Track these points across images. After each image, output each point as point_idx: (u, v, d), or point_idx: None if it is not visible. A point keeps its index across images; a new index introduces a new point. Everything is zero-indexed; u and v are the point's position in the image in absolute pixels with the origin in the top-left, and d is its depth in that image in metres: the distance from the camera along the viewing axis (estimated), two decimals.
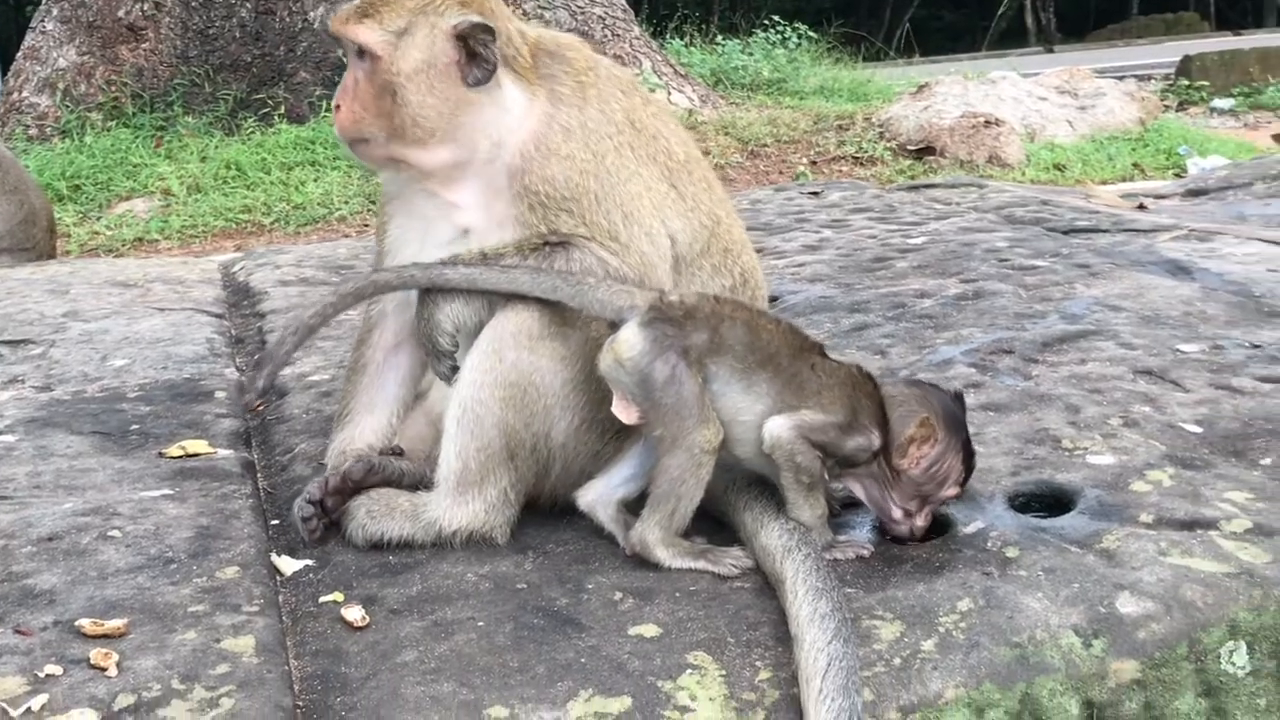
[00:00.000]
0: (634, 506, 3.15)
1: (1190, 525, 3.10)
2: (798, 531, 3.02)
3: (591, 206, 3.26)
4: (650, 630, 2.83)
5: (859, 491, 3.17)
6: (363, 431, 3.49)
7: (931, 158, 12.71)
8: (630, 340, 3.02)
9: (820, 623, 2.72)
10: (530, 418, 3.18)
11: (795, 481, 3.05)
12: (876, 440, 3.08)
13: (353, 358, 3.59)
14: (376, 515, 3.24)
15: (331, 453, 3.50)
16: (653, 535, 3.06)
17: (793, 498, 3.08)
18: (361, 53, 3.23)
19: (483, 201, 3.31)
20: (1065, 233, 6.44)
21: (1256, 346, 4.38)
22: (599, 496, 3.20)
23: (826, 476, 3.09)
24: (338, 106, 3.29)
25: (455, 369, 3.22)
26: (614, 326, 3.08)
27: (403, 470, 3.39)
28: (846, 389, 3.09)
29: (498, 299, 3.16)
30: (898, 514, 3.13)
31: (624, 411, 3.07)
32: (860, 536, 3.19)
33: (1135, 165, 12.84)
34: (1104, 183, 11.81)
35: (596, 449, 3.25)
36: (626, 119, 3.39)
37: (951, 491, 3.14)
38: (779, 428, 3.03)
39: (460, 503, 3.19)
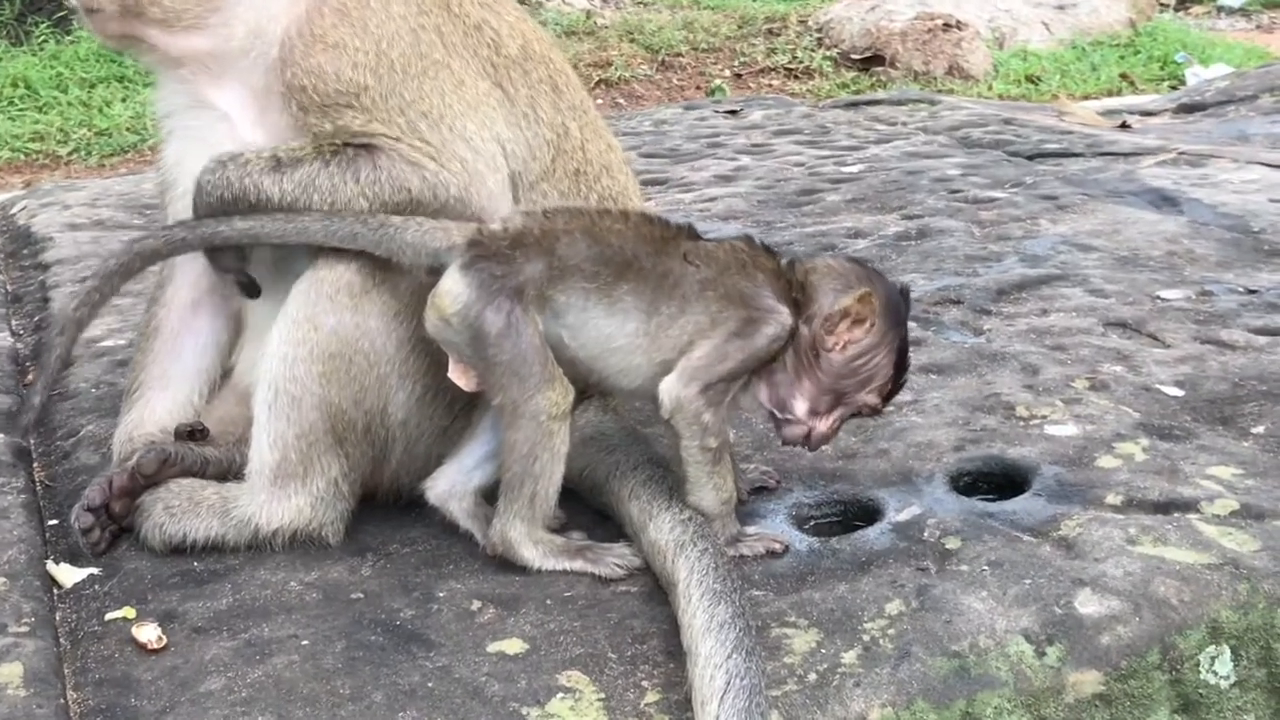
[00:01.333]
0: (495, 493, 3.14)
1: (1165, 508, 3.15)
2: (694, 523, 3.02)
3: (376, 104, 3.22)
4: (514, 646, 2.82)
5: (762, 392, 3.14)
6: (155, 412, 3.44)
7: (880, 69, 12.80)
8: (452, 290, 2.99)
9: (718, 633, 2.71)
10: (360, 393, 3.15)
11: (700, 450, 3.04)
12: (788, 318, 3.05)
13: (144, 321, 3.54)
14: (177, 512, 3.20)
15: (118, 440, 3.45)
16: (515, 531, 3.05)
17: (695, 474, 3.07)
18: None
19: (254, 109, 3.28)
20: (1030, 158, 6.50)
21: (1252, 292, 4.46)
22: (452, 487, 3.18)
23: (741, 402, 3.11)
24: None
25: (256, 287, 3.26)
26: (434, 274, 3.07)
27: (206, 458, 3.35)
28: (732, 276, 3.06)
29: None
30: (801, 409, 3.13)
31: (462, 377, 3.06)
32: (773, 528, 3.20)
33: (1123, 76, 13.00)
34: (1085, 98, 11.96)
35: (444, 424, 3.23)
36: (435, 3, 3.35)
37: (871, 399, 3.14)
38: (674, 387, 3.02)
39: (280, 496, 3.16)
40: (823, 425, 3.13)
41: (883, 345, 3.10)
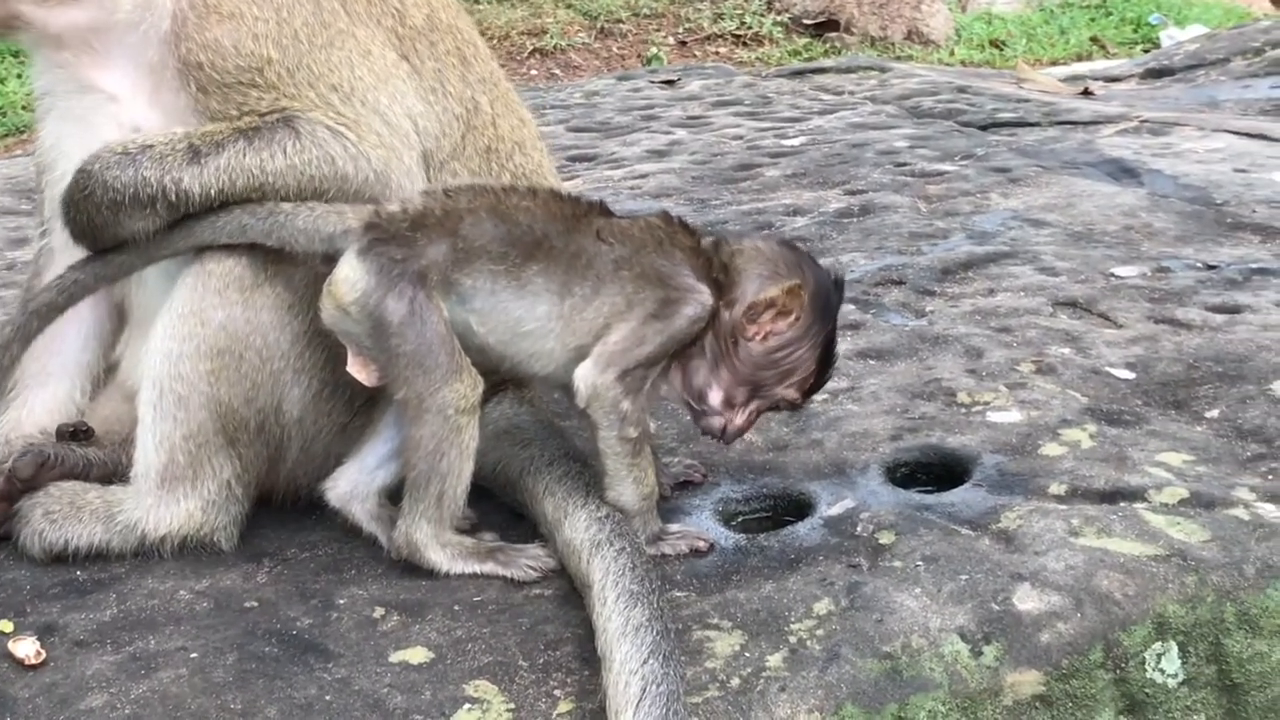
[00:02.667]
0: (400, 494, 3.15)
1: (1111, 497, 3.19)
2: (610, 521, 3.04)
3: (282, 79, 3.21)
4: (418, 655, 2.84)
5: (676, 379, 3.17)
6: (34, 411, 3.44)
7: (834, 35, 12.84)
8: (350, 277, 2.99)
9: (634, 636, 2.73)
10: (252, 390, 3.16)
11: (619, 440, 3.05)
12: (708, 298, 3.07)
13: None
14: (58, 518, 3.20)
15: None
16: (421, 533, 3.06)
17: (614, 467, 3.09)
18: None
19: (144, 88, 3.25)
20: (983, 128, 6.56)
21: (1211, 268, 4.51)
22: (353, 488, 3.19)
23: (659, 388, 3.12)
24: None
25: None
26: (330, 261, 3.06)
27: (90, 460, 3.35)
28: (648, 254, 3.07)
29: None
30: (716, 399, 3.15)
31: (361, 371, 3.06)
32: (698, 524, 3.22)
33: (1094, 40, 13.08)
34: (1053, 63, 12.02)
35: (343, 421, 3.24)
36: None
37: (790, 394, 3.17)
38: (590, 374, 3.03)
39: (168, 500, 3.17)
40: (739, 418, 3.16)
41: (806, 339, 3.12)
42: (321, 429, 3.24)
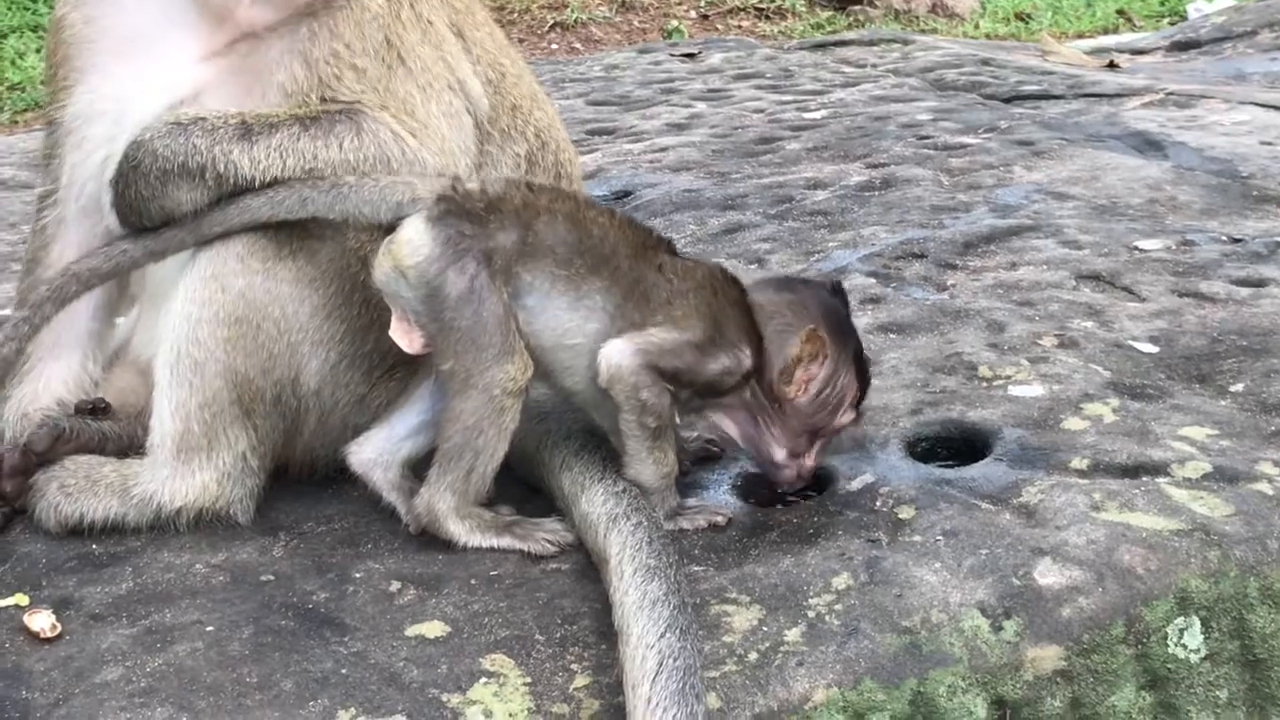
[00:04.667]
0: (423, 468, 3.15)
1: (1133, 471, 3.18)
2: (628, 496, 3.05)
3: (385, 74, 3.24)
4: (435, 629, 2.84)
5: (730, 429, 3.20)
6: (50, 383, 3.44)
7: (858, 8, 12.80)
8: (414, 241, 2.97)
9: (650, 610, 2.74)
10: (269, 361, 3.16)
11: (638, 425, 3.06)
12: (747, 360, 3.10)
13: (24, 286, 3.53)
14: (73, 491, 3.21)
15: (10, 416, 3.44)
16: (444, 504, 3.06)
17: (634, 448, 3.09)
18: None
19: (259, 38, 3.21)
20: (1007, 100, 6.53)
21: (1236, 241, 4.49)
22: (377, 455, 3.19)
23: (678, 419, 3.12)
24: None
25: None
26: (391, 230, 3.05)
27: (105, 433, 3.36)
28: (705, 295, 3.10)
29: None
30: (781, 455, 3.17)
31: (405, 337, 3.04)
32: (716, 499, 3.22)
33: (1120, 13, 13.03)
34: (1079, 36, 11.97)
35: (361, 393, 3.25)
36: None
37: (847, 418, 3.18)
38: (618, 354, 3.03)
39: (184, 472, 3.18)
40: (809, 460, 3.18)
41: (841, 366, 3.13)
42: (339, 401, 3.24)
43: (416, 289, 2.97)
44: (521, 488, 3.28)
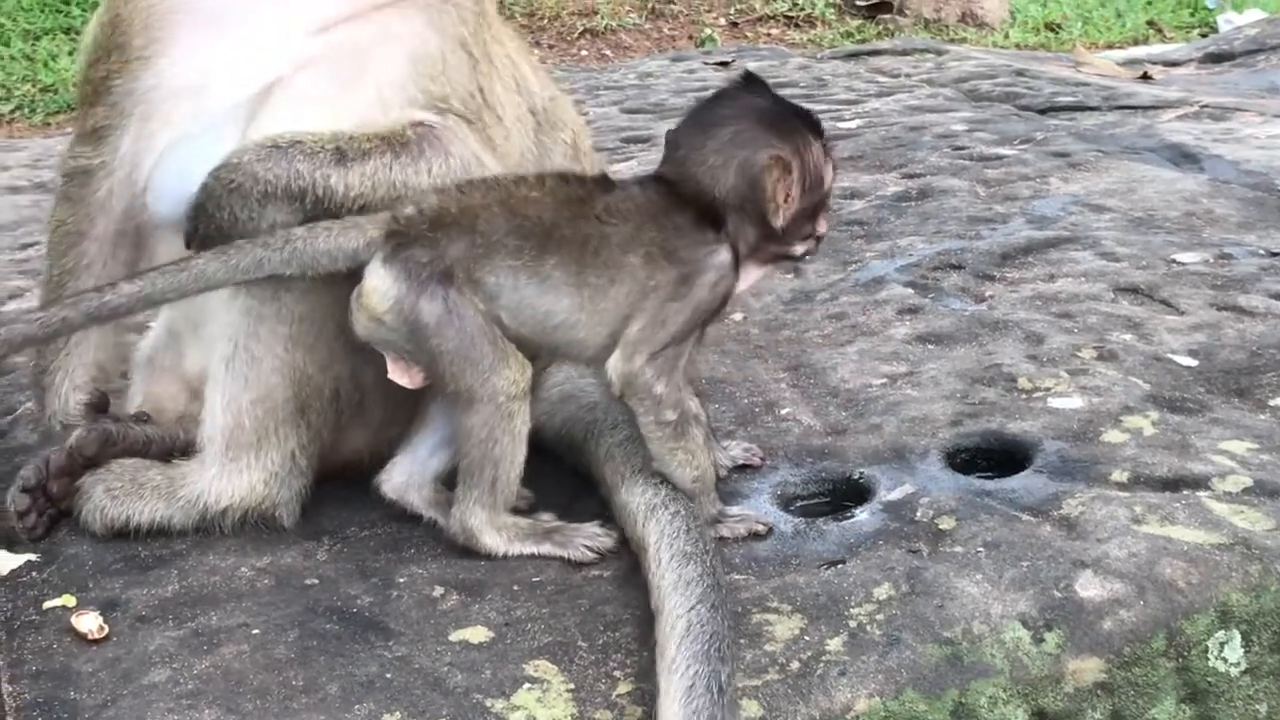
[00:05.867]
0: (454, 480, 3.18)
1: (1174, 485, 3.19)
2: (666, 487, 3.09)
3: (474, 74, 3.28)
4: (478, 635, 2.86)
5: (753, 282, 3.23)
6: (93, 357, 3.49)
7: (887, 17, 12.79)
8: (380, 287, 2.97)
9: (684, 589, 2.79)
10: (329, 357, 3.18)
11: (656, 424, 3.06)
12: (725, 253, 3.06)
13: (54, 262, 3.47)
14: (119, 494, 3.23)
15: (59, 387, 3.49)
16: (475, 519, 3.08)
17: (657, 451, 3.10)
18: None
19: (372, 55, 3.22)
20: (1042, 112, 6.54)
21: (1274, 255, 4.49)
22: (408, 478, 3.22)
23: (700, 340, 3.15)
24: None
25: None
26: (356, 275, 3.04)
27: (150, 437, 3.38)
28: (650, 228, 3.05)
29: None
30: (801, 249, 3.19)
31: (404, 376, 3.06)
32: (756, 508, 3.24)
33: (1151, 24, 13.01)
34: (1109, 46, 11.96)
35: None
36: None
37: (832, 177, 3.17)
38: (619, 366, 3.03)
39: (231, 471, 3.20)
40: (822, 228, 3.20)
41: (805, 154, 3.09)
42: (406, 391, 3.24)
43: (397, 330, 2.99)
44: (566, 494, 3.30)
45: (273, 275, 3.05)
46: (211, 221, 3.10)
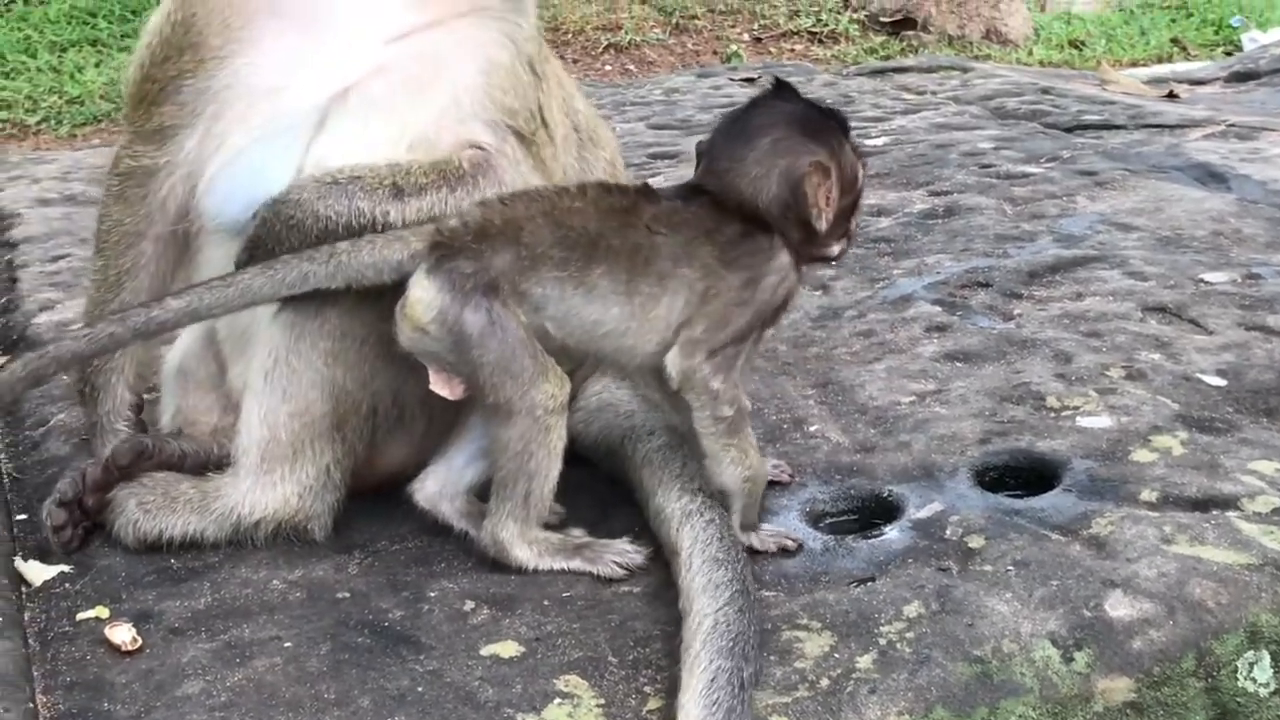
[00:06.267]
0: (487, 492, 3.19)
1: (1203, 505, 3.19)
2: (702, 494, 3.13)
3: (536, 92, 3.31)
4: (509, 649, 2.87)
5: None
6: (143, 359, 3.55)
7: (911, 33, 12.79)
8: (424, 298, 2.99)
9: (713, 591, 2.84)
10: (370, 373, 3.20)
11: (712, 420, 3.08)
12: (784, 256, 3.09)
13: (111, 264, 3.48)
14: (152, 508, 3.25)
15: (110, 404, 3.51)
16: (507, 532, 3.10)
17: (710, 447, 3.11)
18: None
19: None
20: (1069, 130, 6.54)
21: None
22: (441, 488, 3.23)
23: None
24: None
25: None
26: (399, 290, 3.06)
27: (184, 450, 3.40)
28: (703, 242, 3.07)
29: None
30: (836, 249, 3.22)
31: (445, 387, 3.08)
32: (786, 525, 3.25)
33: (1175, 41, 12.99)
34: (1133, 64, 11.95)
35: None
36: None
37: (863, 178, 3.21)
38: (679, 361, 3.05)
39: (265, 484, 3.21)
40: (854, 225, 3.24)
41: (841, 157, 3.12)
42: (449, 405, 3.24)
43: (441, 341, 3.00)
44: (596, 510, 3.32)
45: (317, 289, 3.07)
46: (267, 256, 3.13)
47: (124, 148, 3.42)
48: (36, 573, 3.20)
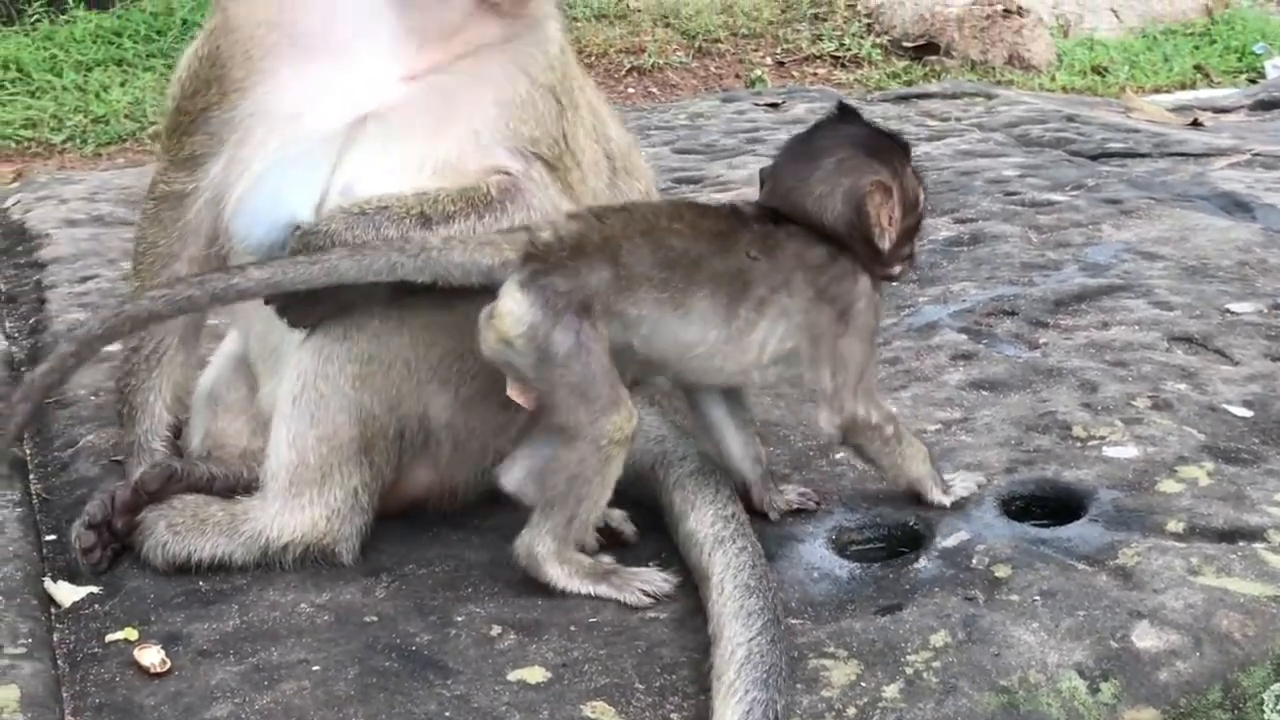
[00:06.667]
0: None
1: (1230, 536, 3.19)
2: (735, 521, 3.15)
3: (560, 120, 3.33)
4: (536, 674, 2.87)
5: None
6: (181, 379, 3.56)
7: (934, 58, 12.80)
8: (515, 311, 2.99)
9: (745, 619, 2.85)
10: (396, 398, 3.22)
11: (884, 445, 3.25)
12: (863, 274, 3.18)
13: (146, 284, 3.47)
14: (181, 530, 3.27)
15: (151, 403, 3.53)
16: (544, 547, 3.11)
17: (890, 464, 3.30)
18: None
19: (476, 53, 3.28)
20: (1093, 158, 6.55)
21: None
22: (528, 472, 3.21)
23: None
24: None
25: None
26: (487, 292, 3.06)
27: (213, 474, 3.43)
28: (798, 270, 3.13)
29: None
30: (898, 270, 3.31)
31: (522, 396, 3.09)
32: (812, 553, 3.25)
33: (1198, 68, 13.00)
34: (1156, 90, 11.96)
35: (501, 421, 3.29)
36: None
37: (924, 201, 3.30)
38: (832, 421, 3.20)
39: (294, 507, 3.23)
40: (916, 248, 3.35)
41: (903, 178, 3.21)
42: (474, 429, 3.30)
43: (525, 355, 3.00)
44: (630, 506, 3.35)
45: (404, 280, 3.09)
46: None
47: (159, 174, 3.47)
48: (66, 594, 3.21)
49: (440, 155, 3.23)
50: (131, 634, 3.05)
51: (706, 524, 3.16)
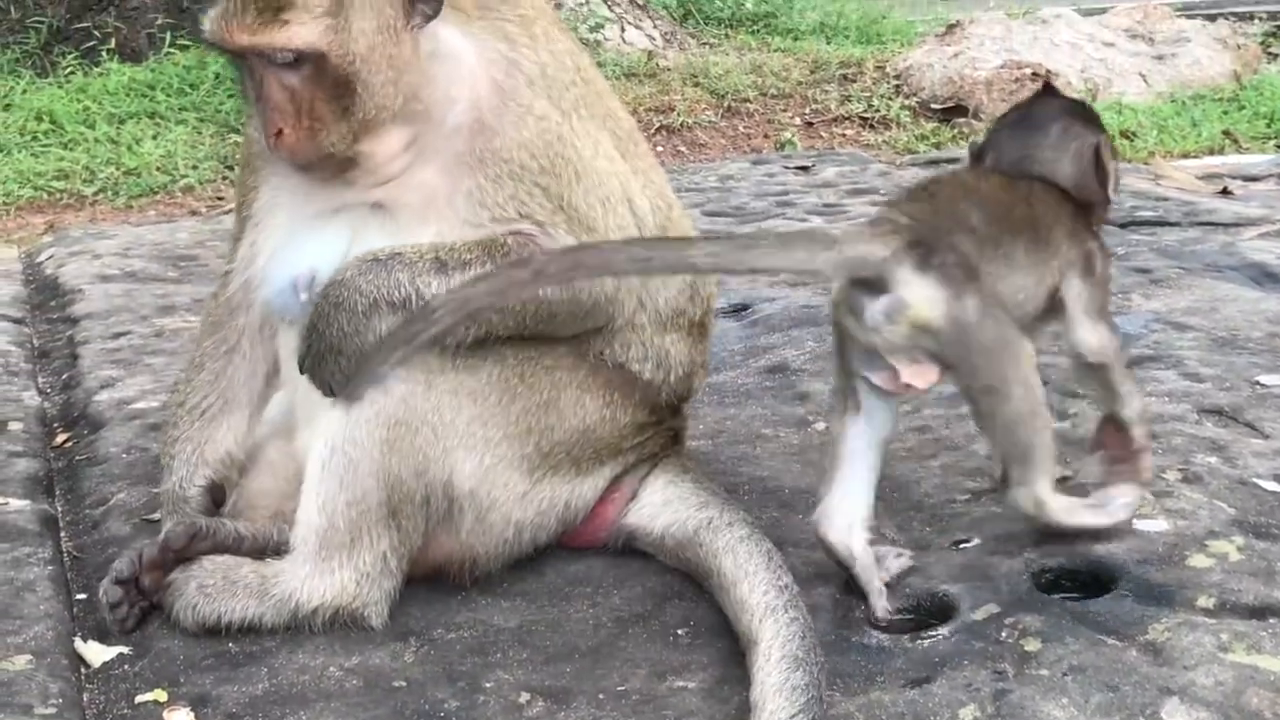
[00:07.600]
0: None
1: (1260, 612, 3.18)
2: (788, 592, 3.16)
3: (570, 184, 3.35)
4: None
5: None
6: (224, 435, 3.58)
7: (962, 120, 12.80)
8: (928, 295, 3.10)
9: (789, 693, 2.86)
10: (423, 463, 3.25)
11: (1120, 370, 3.51)
12: (1096, 239, 3.51)
13: (199, 343, 3.62)
14: (212, 592, 3.28)
15: (185, 455, 3.56)
16: (1043, 490, 3.34)
17: (1124, 391, 3.54)
18: (297, 60, 3.17)
19: (414, 166, 3.32)
20: (1122, 226, 6.55)
21: None
22: (850, 522, 3.31)
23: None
24: (279, 133, 3.19)
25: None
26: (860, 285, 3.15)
27: (239, 533, 3.44)
28: (1064, 215, 3.41)
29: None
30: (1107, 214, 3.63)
31: (919, 378, 3.19)
32: (838, 622, 3.25)
33: (1226, 134, 12.97)
34: (1185, 155, 11.95)
35: (523, 490, 3.35)
36: (575, 66, 3.49)
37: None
38: (1090, 341, 3.46)
39: (323, 570, 3.25)
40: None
41: (1114, 149, 3.54)
42: (498, 499, 3.34)
43: (942, 333, 3.12)
44: (650, 598, 3.35)
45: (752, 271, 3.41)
46: (322, 340, 3.21)
47: (222, 256, 3.66)
48: (96, 654, 3.23)
49: (444, 228, 3.32)
50: (161, 695, 3.07)
51: (759, 591, 3.17)
